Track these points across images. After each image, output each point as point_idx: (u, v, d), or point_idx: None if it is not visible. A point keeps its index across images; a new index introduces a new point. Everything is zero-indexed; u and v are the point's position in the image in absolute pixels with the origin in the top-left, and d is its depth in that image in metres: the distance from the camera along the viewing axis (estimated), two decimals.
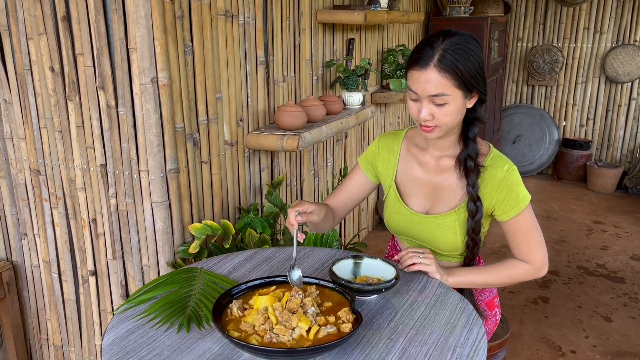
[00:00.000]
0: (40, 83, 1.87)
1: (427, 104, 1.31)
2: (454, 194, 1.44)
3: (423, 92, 1.29)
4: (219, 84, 2.01)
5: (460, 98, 1.31)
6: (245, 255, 1.58)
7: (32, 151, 1.98)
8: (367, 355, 1.10)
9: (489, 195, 1.40)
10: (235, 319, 1.16)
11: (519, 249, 1.44)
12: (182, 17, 1.78)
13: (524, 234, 1.42)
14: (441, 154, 1.46)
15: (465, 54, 1.27)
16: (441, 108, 1.30)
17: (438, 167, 1.47)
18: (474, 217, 1.40)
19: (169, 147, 1.78)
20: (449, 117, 1.31)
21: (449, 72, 1.26)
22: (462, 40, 1.29)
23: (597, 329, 2.78)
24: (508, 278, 1.45)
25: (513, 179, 1.39)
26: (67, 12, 1.75)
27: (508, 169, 1.39)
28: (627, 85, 4.97)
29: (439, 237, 1.46)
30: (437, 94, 1.28)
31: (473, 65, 1.29)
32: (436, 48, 1.27)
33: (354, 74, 2.79)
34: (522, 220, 1.41)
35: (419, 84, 1.30)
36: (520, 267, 1.44)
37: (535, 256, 1.43)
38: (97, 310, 2.07)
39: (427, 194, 1.48)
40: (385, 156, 1.55)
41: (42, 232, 2.08)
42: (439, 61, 1.26)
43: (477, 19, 4.25)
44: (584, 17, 4.99)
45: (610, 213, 4.46)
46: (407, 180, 1.51)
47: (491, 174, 1.39)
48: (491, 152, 1.43)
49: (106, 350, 1.11)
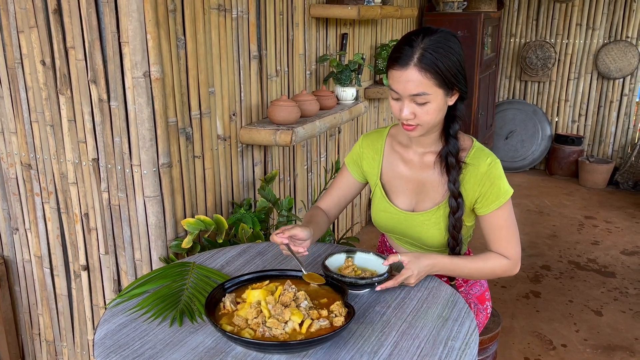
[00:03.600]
0: (31, 77, 1.85)
1: (409, 103, 1.31)
2: (438, 190, 1.45)
3: (404, 91, 1.30)
4: (212, 78, 2.00)
5: (442, 96, 1.31)
6: (238, 250, 1.58)
7: (23, 145, 1.97)
8: (360, 349, 1.11)
9: (472, 188, 1.40)
10: (228, 312, 1.16)
11: (497, 244, 1.42)
12: (175, 11, 1.77)
13: (503, 228, 1.41)
14: (424, 150, 1.46)
15: (445, 52, 1.27)
16: (423, 107, 1.31)
17: (422, 163, 1.47)
18: (455, 214, 1.40)
19: (162, 142, 1.77)
20: (430, 116, 1.32)
21: (430, 71, 1.26)
22: (442, 38, 1.29)
23: (588, 323, 2.80)
24: (482, 270, 1.42)
25: (495, 172, 1.39)
26: (59, 5, 1.73)
27: (491, 162, 1.39)
28: (619, 81, 4.99)
29: (425, 233, 1.46)
30: (418, 93, 1.28)
31: (453, 63, 1.29)
32: (416, 47, 1.27)
33: (348, 69, 2.79)
34: (502, 215, 1.40)
35: (399, 84, 1.30)
36: (497, 260, 1.42)
37: (513, 251, 1.42)
38: (90, 305, 2.06)
39: (412, 190, 1.48)
40: (370, 155, 1.55)
41: (34, 226, 2.06)
42: (419, 60, 1.26)
43: (471, 14, 4.26)
44: (576, 13, 5.01)
45: (601, 208, 4.49)
46: (392, 177, 1.52)
47: (474, 167, 1.39)
48: (474, 145, 1.43)
49: (99, 344, 1.11)
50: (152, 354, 1.08)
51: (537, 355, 2.54)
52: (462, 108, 1.39)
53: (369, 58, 3.59)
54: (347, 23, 3.17)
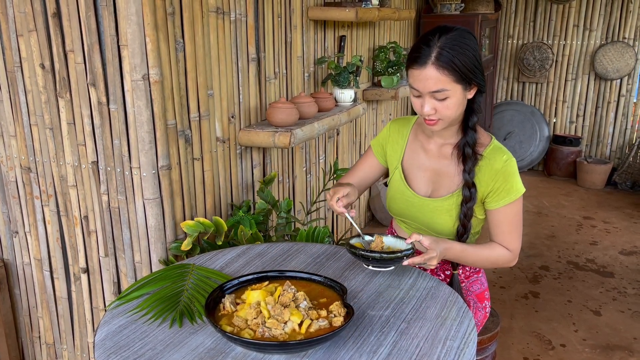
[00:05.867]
0: (30, 80, 1.86)
1: (429, 99, 1.36)
2: (453, 180, 1.50)
3: (424, 89, 1.35)
4: (211, 81, 2.01)
5: (460, 91, 1.36)
6: (237, 251, 1.59)
7: (22, 148, 1.97)
8: (359, 349, 1.11)
9: (485, 182, 1.45)
10: (227, 313, 1.16)
11: (501, 237, 1.48)
12: (174, 14, 1.78)
13: (510, 224, 1.46)
14: (444, 141, 1.52)
15: (461, 49, 1.32)
16: (443, 102, 1.36)
17: (440, 154, 1.53)
18: (467, 203, 1.45)
19: (161, 144, 1.78)
20: (451, 110, 1.37)
21: (447, 68, 1.32)
22: (458, 35, 1.34)
23: (587, 323, 2.81)
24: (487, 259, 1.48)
25: (510, 170, 1.44)
26: (58, 9, 1.74)
27: (507, 159, 1.44)
28: (617, 82, 5.01)
29: (437, 219, 1.51)
30: (438, 90, 1.34)
31: (469, 59, 1.34)
32: (432, 46, 1.32)
33: (346, 71, 2.80)
34: (511, 212, 1.45)
35: (419, 82, 1.35)
36: (501, 250, 1.48)
37: (515, 245, 1.47)
38: (90, 307, 2.07)
39: (429, 179, 1.54)
40: (395, 139, 1.61)
41: (34, 229, 2.07)
42: (437, 59, 1.31)
43: (468, 16, 4.27)
44: (573, 14, 5.03)
45: (599, 209, 4.50)
46: (412, 164, 1.58)
47: (490, 163, 1.44)
48: (492, 142, 1.48)
49: (99, 346, 1.11)
50: (152, 355, 1.09)
51: (536, 355, 2.54)
52: (480, 101, 1.45)
53: (367, 60, 3.60)
54: (345, 25, 3.18)
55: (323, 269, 1.47)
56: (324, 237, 1.98)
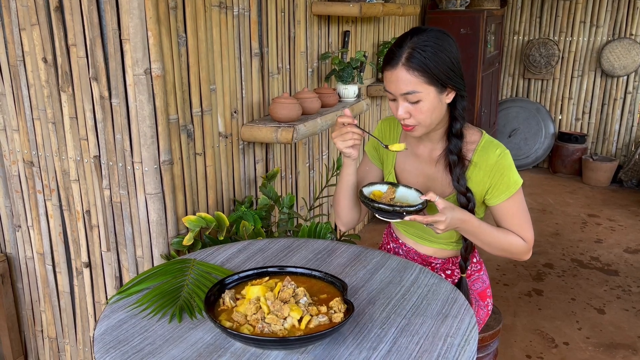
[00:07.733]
0: (33, 74, 1.86)
1: (402, 102, 1.34)
2: (445, 185, 1.47)
3: (396, 90, 1.33)
4: (213, 76, 2.00)
5: (434, 94, 1.32)
6: (238, 247, 1.59)
7: (25, 143, 1.98)
8: (359, 345, 1.11)
9: (482, 180, 1.42)
10: (227, 309, 1.16)
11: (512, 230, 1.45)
12: (176, 8, 1.77)
13: (515, 217, 1.44)
14: (433, 146, 1.49)
15: (433, 51, 1.29)
16: (416, 105, 1.33)
17: (430, 158, 1.50)
18: (467, 208, 1.42)
19: (163, 139, 1.78)
20: (424, 114, 1.34)
21: (417, 69, 1.29)
22: (431, 37, 1.31)
23: (591, 321, 2.80)
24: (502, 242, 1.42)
25: (505, 163, 1.41)
26: (60, 3, 1.74)
27: (500, 153, 1.41)
28: (623, 79, 4.97)
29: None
30: (408, 91, 1.31)
31: (443, 60, 1.30)
32: (404, 47, 1.31)
33: (350, 66, 2.78)
34: (513, 205, 1.43)
35: (391, 83, 1.34)
36: (516, 237, 1.44)
37: (528, 235, 1.44)
38: (92, 301, 2.07)
39: (422, 184, 1.51)
40: (387, 141, 1.59)
41: (36, 224, 2.07)
42: (407, 60, 1.30)
43: (473, 12, 4.25)
44: (580, 10, 4.99)
45: (604, 206, 4.47)
46: (404, 169, 1.55)
47: (483, 159, 1.41)
48: (483, 138, 1.45)
49: (98, 340, 1.11)
50: (152, 349, 1.09)
51: (539, 353, 2.53)
52: (463, 106, 1.41)
53: (371, 56, 3.59)
54: (349, 20, 3.17)
55: (324, 265, 1.46)
56: (326, 234, 1.98)
